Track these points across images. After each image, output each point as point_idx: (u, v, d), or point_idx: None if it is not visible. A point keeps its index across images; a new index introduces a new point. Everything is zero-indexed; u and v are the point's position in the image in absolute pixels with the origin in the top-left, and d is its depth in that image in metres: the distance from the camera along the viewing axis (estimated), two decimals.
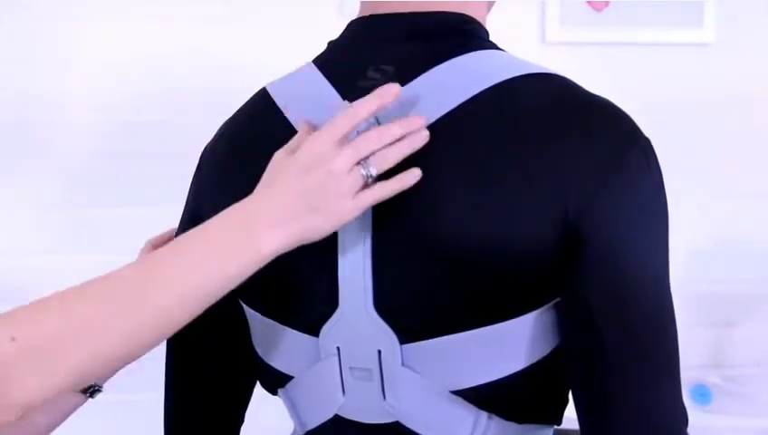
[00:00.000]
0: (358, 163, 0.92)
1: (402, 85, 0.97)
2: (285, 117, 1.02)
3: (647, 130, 0.97)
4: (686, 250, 2.39)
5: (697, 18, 2.42)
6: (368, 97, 0.93)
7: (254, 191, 0.94)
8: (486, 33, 1.05)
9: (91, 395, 1.16)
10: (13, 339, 0.86)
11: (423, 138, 0.93)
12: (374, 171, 0.92)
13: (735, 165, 2.45)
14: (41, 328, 0.87)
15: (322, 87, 1.02)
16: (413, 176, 0.92)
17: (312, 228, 0.92)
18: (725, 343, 2.44)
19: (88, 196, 2.26)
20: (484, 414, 0.98)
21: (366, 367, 0.99)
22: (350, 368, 1.00)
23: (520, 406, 0.99)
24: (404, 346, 0.97)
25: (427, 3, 1.02)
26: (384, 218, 0.95)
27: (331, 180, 0.91)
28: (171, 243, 0.94)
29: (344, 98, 0.99)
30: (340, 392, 1.01)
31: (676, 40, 2.43)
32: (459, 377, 0.96)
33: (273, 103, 1.05)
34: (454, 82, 0.96)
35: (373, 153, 0.93)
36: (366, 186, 0.93)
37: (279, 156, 0.95)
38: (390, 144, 0.93)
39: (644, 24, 2.40)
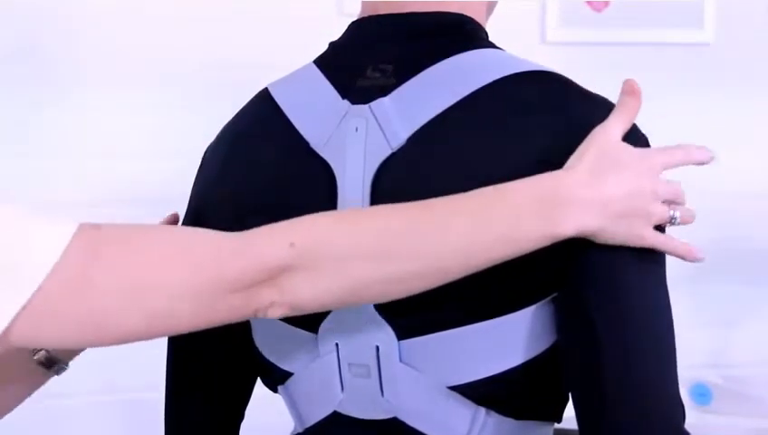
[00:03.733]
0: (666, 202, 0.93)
1: (401, 83, 0.98)
2: (287, 117, 1.03)
3: (646, 129, 0.98)
4: None
5: (697, 18, 2.42)
6: (703, 149, 0.97)
7: (573, 166, 0.90)
8: (485, 33, 1.05)
9: (57, 372, 1.13)
10: (292, 245, 0.88)
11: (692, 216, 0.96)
12: (679, 218, 0.94)
13: (735, 165, 2.45)
14: (324, 239, 0.89)
15: (323, 87, 1.02)
16: (699, 252, 0.96)
17: (612, 232, 0.91)
18: (725, 343, 2.44)
19: (93, 195, 2.26)
20: (482, 410, 0.98)
21: (364, 363, 0.99)
22: (349, 364, 1.00)
23: (518, 402, 0.99)
24: (401, 342, 0.97)
25: (427, 3, 1.02)
26: None
27: (651, 201, 0.91)
28: (469, 195, 0.91)
29: (343, 97, 1.00)
30: (339, 389, 1.02)
31: (676, 40, 2.43)
32: (457, 373, 0.97)
33: (275, 104, 1.05)
34: (451, 80, 0.96)
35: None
36: (660, 228, 0.93)
37: (613, 139, 0.92)
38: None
39: (644, 24, 2.41)
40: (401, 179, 0.95)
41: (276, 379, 1.09)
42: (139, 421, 1.87)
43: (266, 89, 1.08)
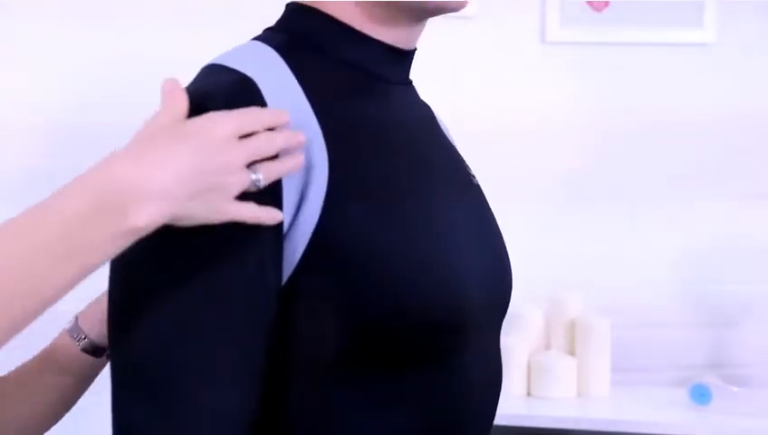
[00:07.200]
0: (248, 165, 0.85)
1: None
2: None
3: (647, 129, 0.97)
4: (687, 250, 2.38)
5: (697, 18, 2.42)
6: (276, 114, 0.87)
7: (129, 150, 0.84)
8: (330, 26, 0.97)
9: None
10: None
11: (298, 163, 0.87)
12: (262, 181, 0.85)
13: (735, 165, 2.46)
14: None
15: None
16: (277, 214, 0.86)
17: (186, 215, 0.84)
18: (725, 343, 2.44)
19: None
20: None
21: None
22: None
23: None
24: None
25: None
26: None
27: (225, 173, 0.83)
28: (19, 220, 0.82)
29: None
30: None
31: (676, 40, 2.43)
32: None
33: None
34: None
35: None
36: (246, 194, 0.85)
37: (165, 120, 0.85)
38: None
39: (644, 24, 2.41)
40: None
41: None
42: (86, 427, 1.86)
43: None
